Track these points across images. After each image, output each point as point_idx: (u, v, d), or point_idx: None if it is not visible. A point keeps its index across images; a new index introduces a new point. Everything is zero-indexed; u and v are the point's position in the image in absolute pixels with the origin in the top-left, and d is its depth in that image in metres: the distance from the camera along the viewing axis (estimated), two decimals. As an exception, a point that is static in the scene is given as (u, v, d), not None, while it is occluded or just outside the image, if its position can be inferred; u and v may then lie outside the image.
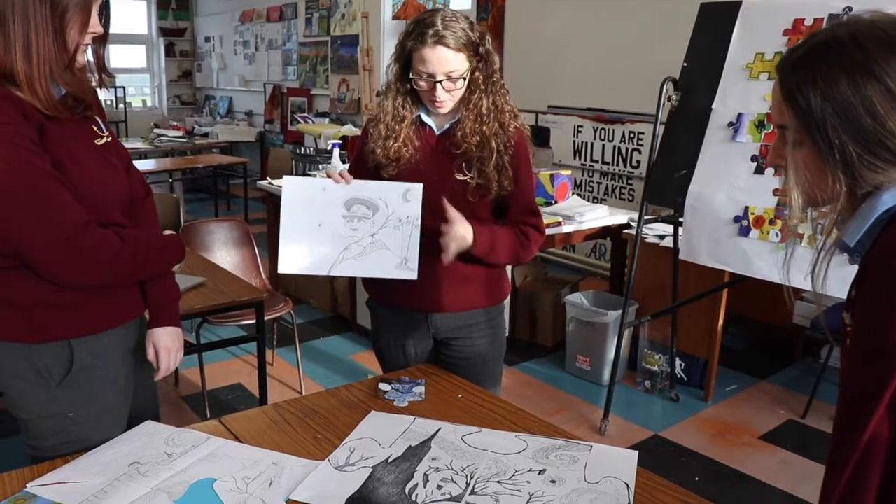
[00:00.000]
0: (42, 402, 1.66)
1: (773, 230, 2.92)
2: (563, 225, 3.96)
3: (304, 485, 1.49)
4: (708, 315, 3.72)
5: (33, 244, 1.51)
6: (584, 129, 5.75)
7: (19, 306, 1.60)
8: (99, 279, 1.63)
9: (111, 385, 1.74)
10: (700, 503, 1.45)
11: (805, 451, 3.35)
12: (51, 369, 1.64)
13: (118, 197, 1.70)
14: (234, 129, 9.95)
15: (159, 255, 1.77)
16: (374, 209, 1.87)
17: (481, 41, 1.91)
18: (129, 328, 1.79)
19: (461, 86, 1.90)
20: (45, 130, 1.52)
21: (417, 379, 1.99)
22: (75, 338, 1.65)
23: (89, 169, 1.61)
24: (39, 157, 1.50)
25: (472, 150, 1.94)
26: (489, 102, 1.94)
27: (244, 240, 4.03)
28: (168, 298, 1.85)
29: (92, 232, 1.56)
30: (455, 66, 1.87)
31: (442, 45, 1.84)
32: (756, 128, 3.01)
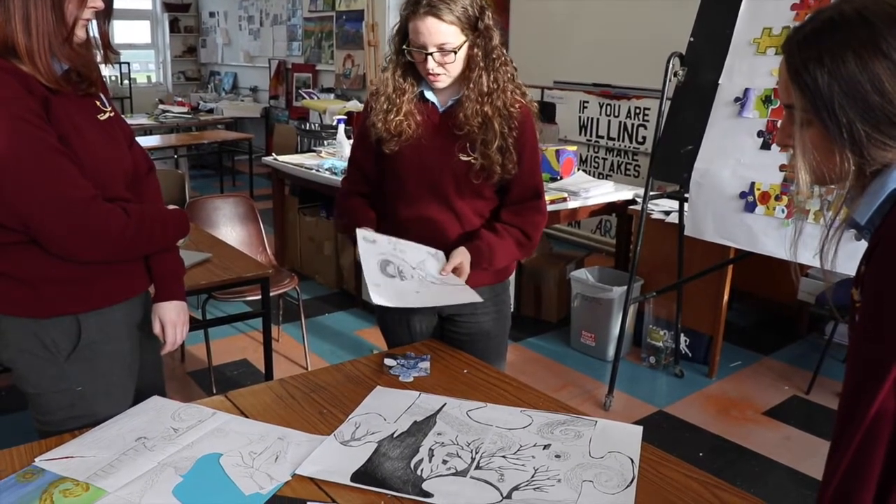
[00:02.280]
0: (50, 377, 1.67)
1: (779, 206, 2.90)
2: (569, 201, 3.95)
3: (310, 459, 1.50)
4: (713, 291, 3.72)
5: (41, 218, 1.52)
6: (590, 104, 5.72)
7: (26, 281, 1.61)
8: (105, 253, 1.64)
9: (118, 359, 1.75)
10: (705, 478, 1.46)
11: (809, 427, 3.35)
12: (58, 344, 1.65)
13: (122, 172, 1.70)
14: (239, 104, 9.92)
15: (164, 230, 1.77)
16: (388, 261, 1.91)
17: (481, 15, 1.86)
18: (135, 303, 1.80)
19: (453, 60, 1.85)
20: (50, 104, 1.52)
21: (423, 354, 1.99)
22: (82, 312, 1.66)
23: (94, 143, 1.61)
24: (45, 131, 1.50)
25: (475, 131, 1.90)
26: (490, 80, 1.89)
27: (250, 216, 4.03)
28: (173, 272, 1.86)
29: (98, 206, 1.56)
30: (447, 38, 1.82)
31: (433, 15, 1.80)
32: (763, 103, 2.99)
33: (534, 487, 1.41)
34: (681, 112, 3.35)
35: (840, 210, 1.07)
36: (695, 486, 1.43)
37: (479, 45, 1.87)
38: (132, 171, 1.74)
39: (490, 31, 1.88)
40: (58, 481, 1.41)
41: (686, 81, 3.34)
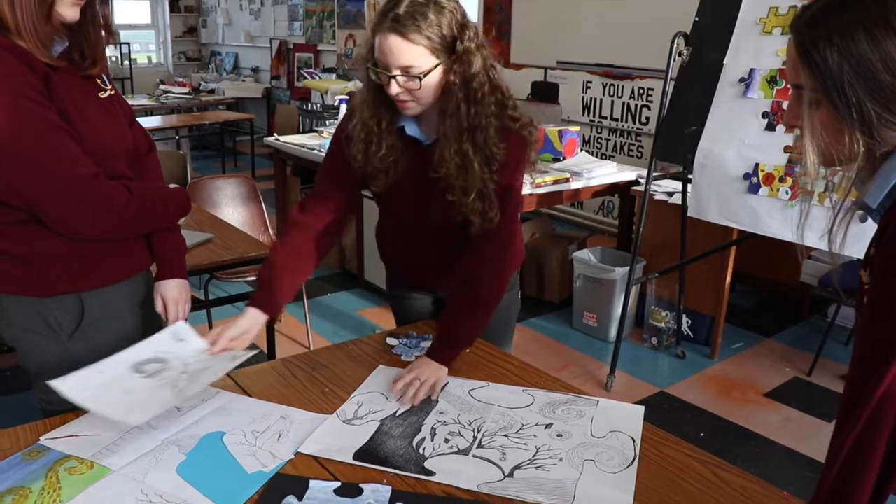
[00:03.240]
0: (53, 356, 1.67)
1: (783, 188, 2.89)
2: (571, 181, 3.94)
3: (313, 438, 1.50)
4: (715, 272, 3.72)
5: (43, 196, 1.51)
6: (594, 84, 5.70)
7: (29, 260, 1.61)
8: (108, 231, 1.64)
9: (121, 337, 1.75)
10: (705, 457, 1.46)
11: (810, 409, 3.36)
12: (61, 322, 1.66)
13: (123, 150, 1.69)
14: (241, 85, 9.87)
15: (166, 208, 1.77)
16: (164, 360, 1.61)
17: (460, 36, 1.58)
18: (137, 281, 1.80)
19: (419, 85, 1.57)
20: (51, 82, 1.51)
21: (425, 334, 1.99)
22: (85, 291, 1.67)
23: (95, 121, 1.60)
24: (47, 109, 1.49)
25: (453, 174, 1.66)
26: (470, 114, 1.61)
27: (251, 196, 4.02)
28: (175, 251, 1.86)
29: (100, 183, 1.56)
30: (412, 60, 1.55)
31: (396, 33, 1.53)
32: (768, 84, 2.97)
33: (535, 466, 1.42)
34: (685, 92, 3.34)
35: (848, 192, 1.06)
36: (696, 465, 1.43)
37: (457, 71, 1.59)
38: (133, 149, 1.74)
39: (470, 56, 1.59)
40: (63, 459, 1.42)
41: (690, 61, 3.32)
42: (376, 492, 1.33)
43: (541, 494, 1.33)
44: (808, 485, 2.70)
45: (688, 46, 3.32)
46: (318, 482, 1.36)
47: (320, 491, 1.34)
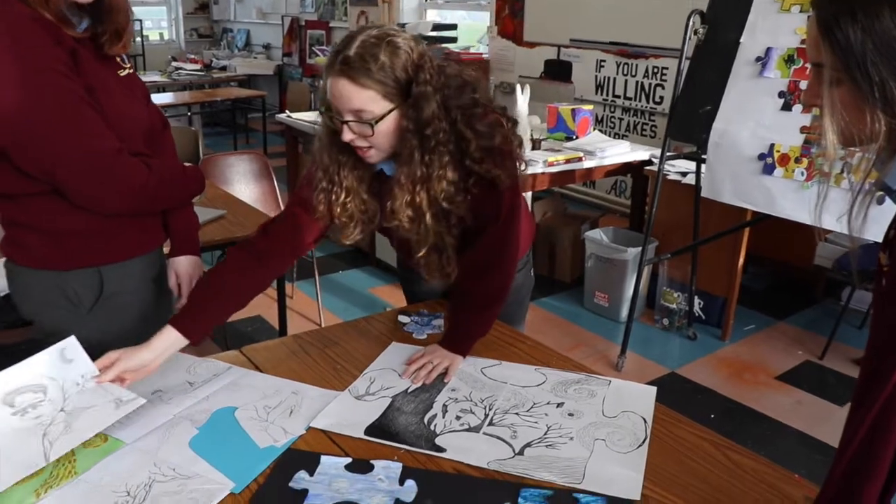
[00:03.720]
0: (72, 329, 1.68)
1: (799, 169, 2.87)
2: (584, 160, 3.92)
3: (325, 413, 1.51)
4: (728, 254, 3.70)
5: (68, 169, 1.52)
6: (607, 63, 5.65)
7: (49, 233, 1.63)
8: (128, 206, 1.65)
9: (138, 311, 1.78)
10: (716, 439, 1.46)
11: (822, 392, 3.35)
12: (81, 296, 1.68)
13: (141, 127, 1.70)
14: (252, 62, 9.84)
15: (182, 186, 1.79)
16: (43, 389, 1.42)
17: (414, 78, 1.46)
18: (153, 257, 1.81)
19: (371, 132, 1.47)
20: (78, 56, 1.52)
21: (437, 312, 1.99)
22: (104, 265, 1.68)
23: (116, 98, 1.61)
24: (73, 82, 1.49)
25: (404, 226, 1.56)
26: (424, 162, 1.49)
27: (264, 173, 4.02)
28: (189, 228, 1.88)
29: (124, 159, 1.57)
30: (363, 104, 1.44)
31: (345, 76, 1.43)
32: (785, 63, 2.93)
33: (546, 445, 1.42)
34: (700, 71, 3.30)
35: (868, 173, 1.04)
36: (707, 446, 1.43)
37: (411, 116, 1.47)
38: (149, 127, 1.74)
39: (422, 101, 1.45)
40: (75, 431, 1.42)
41: (706, 40, 3.28)
42: (387, 468, 1.34)
43: (551, 473, 1.33)
44: (820, 468, 2.70)
45: (703, 24, 3.28)
46: (330, 458, 1.36)
47: (331, 467, 1.34)
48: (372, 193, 1.62)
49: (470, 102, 1.55)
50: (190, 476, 1.31)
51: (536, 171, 3.72)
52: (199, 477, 1.31)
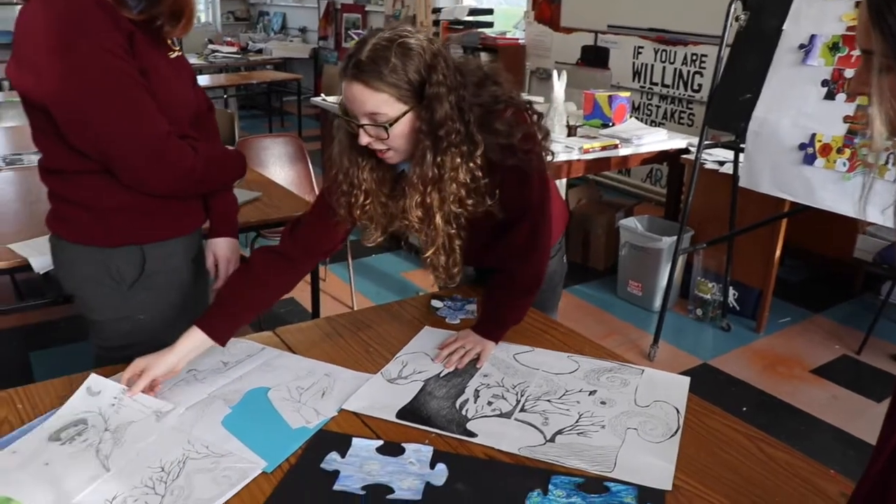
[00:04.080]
0: (114, 305, 1.74)
1: (841, 159, 2.81)
2: (620, 148, 3.88)
3: (357, 395, 1.52)
4: (765, 245, 3.65)
5: (121, 149, 1.56)
6: (645, 50, 5.58)
7: (96, 210, 1.67)
8: (175, 187, 1.69)
9: (178, 290, 1.82)
10: (751, 431, 1.44)
11: (858, 387, 3.30)
12: (123, 273, 1.71)
13: (188, 110, 1.74)
14: (288, 45, 9.87)
15: (225, 169, 1.83)
16: (83, 422, 1.42)
17: (428, 80, 1.44)
18: (193, 238, 1.85)
19: (387, 135, 1.47)
20: (134, 39, 1.55)
21: (470, 297, 1.99)
22: (147, 243, 1.72)
23: (167, 81, 1.64)
24: (130, 65, 1.53)
25: (414, 226, 1.56)
26: (436, 163, 1.48)
27: (298, 156, 4.04)
28: (228, 211, 1.92)
29: (173, 142, 1.61)
30: (377, 107, 1.44)
31: (358, 80, 1.43)
32: (829, 51, 2.87)
33: (577, 432, 1.41)
34: (740, 59, 3.25)
35: None
36: (740, 439, 1.42)
37: (424, 117, 1.46)
38: (196, 109, 1.78)
39: (433, 102, 1.44)
40: (111, 407, 1.45)
41: (747, 27, 3.22)
42: (418, 451, 1.34)
43: (582, 460, 1.32)
44: (854, 465, 2.67)
45: (745, 11, 3.22)
46: (361, 440, 1.37)
47: (363, 449, 1.35)
48: (393, 195, 1.61)
49: (489, 99, 1.53)
50: (223, 454, 1.33)
51: (572, 158, 3.69)
52: (232, 455, 1.32)
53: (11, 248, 2.24)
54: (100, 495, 1.22)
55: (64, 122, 1.54)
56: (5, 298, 3.84)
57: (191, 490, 1.23)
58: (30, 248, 2.23)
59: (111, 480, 1.25)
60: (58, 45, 1.48)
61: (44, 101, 1.53)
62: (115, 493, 1.22)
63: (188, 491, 1.23)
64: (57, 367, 3.11)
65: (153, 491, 1.23)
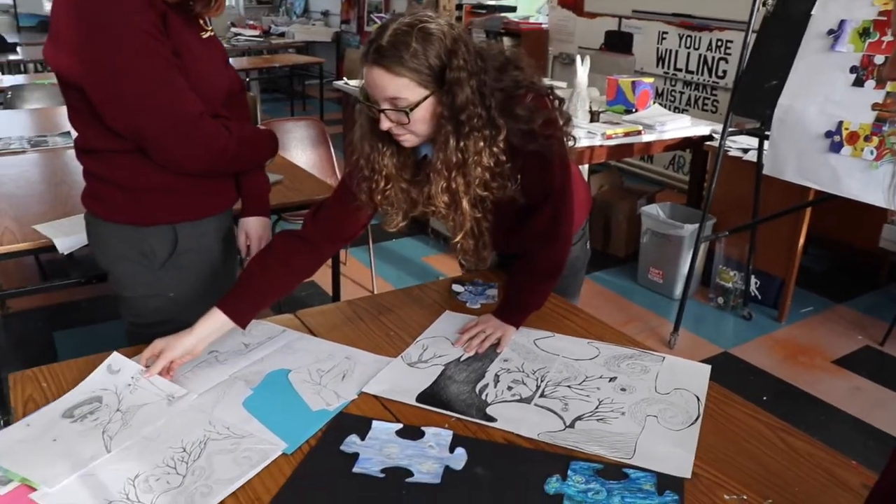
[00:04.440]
0: (146, 282, 1.77)
1: (869, 147, 2.77)
2: (643, 134, 3.85)
3: (377, 378, 1.52)
4: (788, 233, 3.61)
5: (154, 128, 1.58)
6: (669, 35, 5.53)
7: (131, 190, 1.70)
8: (208, 167, 1.71)
9: (208, 269, 1.85)
10: (772, 421, 1.43)
11: (880, 379, 3.27)
12: (156, 251, 1.74)
13: (221, 90, 1.76)
14: (310, 28, 9.87)
15: (257, 149, 1.85)
16: (97, 399, 1.45)
17: (448, 65, 1.43)
18: (224, 217, 1.88)
19: (408, 119, 1.46)
20: (168, 19, 1.57)
21: (491, 282, 1.98)
22: (179, 222, 1.75)
23: (200, 60, 1.66)
24: (164, 45, 1.55)
25: (441, 212, 1.57)
26: (459, 148, 1.48)
27: (320, 139, 4.04)
28: (260, 190, 1.95)
29: (207, 122, 1.63)
30: (398, 92, 1.43)
31: (379, 65, 1.42)
32: (859, 36, 2.82)
33: (597, 419, 1.41)
34: (767, 45, 3.21)
35: None
36: (761, 427, 1.41)
37: (445, 102, 1.46)
38: (228, 89, 1.80)
39: (454, 87, 1.43)
40: (134, 387, 1.47)
41: (775, 12, 3.18)
42: (437, 435, 1.34)
43: (601, 447, 1.32)
44: (876, 457, 2.65)
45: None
46: (381, 423, 1.38)
47: (382, 432, 1.35)
48: (415, 180, 1.61)
49: (511, 84, 1.53)
50: (244, 435, 1.34)
51: (594, 144, 3.67)
52: (253, 436, 1.33)
53: (36, 228, 2.26)
54: (122, 474, 1.23)
55: (99, 102, 1.56)
56: (30, 279, 3.89)
57: (211, 470, 1.24)
58: (54, 228, 2.25)
59: (132, 459, 1.27)
60: (92, 25, 1.50)
61: (79, 80, 1.56)
62: (137, 472, 1.23)
63: (209, 471, 1.24)
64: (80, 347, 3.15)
65: (174, 471, 1.24)
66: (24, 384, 1.49)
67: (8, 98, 4.62)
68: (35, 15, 9.79)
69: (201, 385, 1.49)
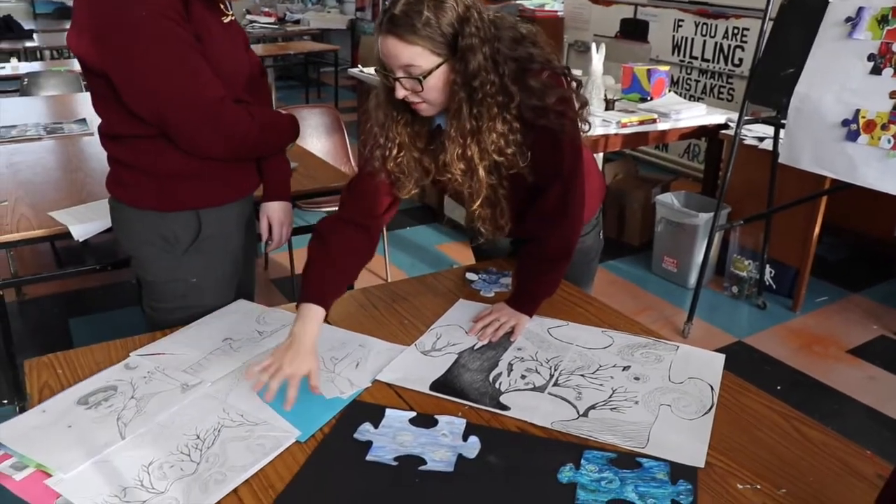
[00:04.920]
0: (167, 268, 1.79)
1: (886, 136, 2.74)
2: (658, 122, 3.83)
3: (391, 367, 1.53)
4: (804, 222, 3.59)
5: (177, 113, 1.60)
6: (685, 23, 5.48)
7: (154, 175, 1.71)
8: (231, 151, 1.72)
9: (230, 254, 1.86)
10: (786, 410, 1.43)
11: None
12: (179, 237, 1.76)
13: (243, 74, 1.77)
14: (326, 16, 9.86)
15: (279, 134, 1.86)
16: (113, 388, 1.46)
17: (461, 32, 1.44)
18: (246, 202, 1.89)
19: (422, 86, 1.47)
20: (189, 4, 1.59)
21: (505, 270, 1.98)
22: (203, 208, 1.76)
23: (222, 45, 1.68)
24: (186, 30, 1.57)
25: (458, 179, 1.57)
26: (472, 115, 1.49)
27: (335, 127, 4.04)
28: (282, 174, 1.95)
29: (229, 106, 1.65)
30: (412, 60, 1.44)
31: (392, 34, 1.43)
32: (878, 24, 2.78)
33: (611, 408, 1.41)
34: (784, 32, 3.18)
35: None
36: (775, 417, 1.40)
37: (458, 69, 1.47)
38: (249, 72, 1.81)
39: (467, 53, 1.44)
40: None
41: (792, 0, 3.15)
42: (451, 423, 1.35)
43: (615, 436, 1.32)
44: (891, 446, 2.64)
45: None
46: (395, 411, 1.38)
47: (396, 420, 1.36)
48: (428, 148, 1.62)
49: (525, 56, 1.53)
50: (257, 423, 1.35)
51: (609, 133, 3.65)
52: (267, 424, 1.34)
53: (52, 215, 2.27)
54: (136, 461, 1.24)
55: (122, 87, 1.58)
56: (46, 265, 3.92)
57: (225, 458, 1.25)
58: (70, 216, 2.27)
59: (146, 446, 1.28)
60: (114, 11, 1.53)
61: (102, 66, 1.58)
62: (152, 459, 1.25)
63: (223, 458, 1.25)
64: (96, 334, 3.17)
65: (188, 458, 1.25)
66: (39, 371, 1.50)
67: (24, 85, 4.64)
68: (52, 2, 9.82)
69: (215, 373, 1.50)
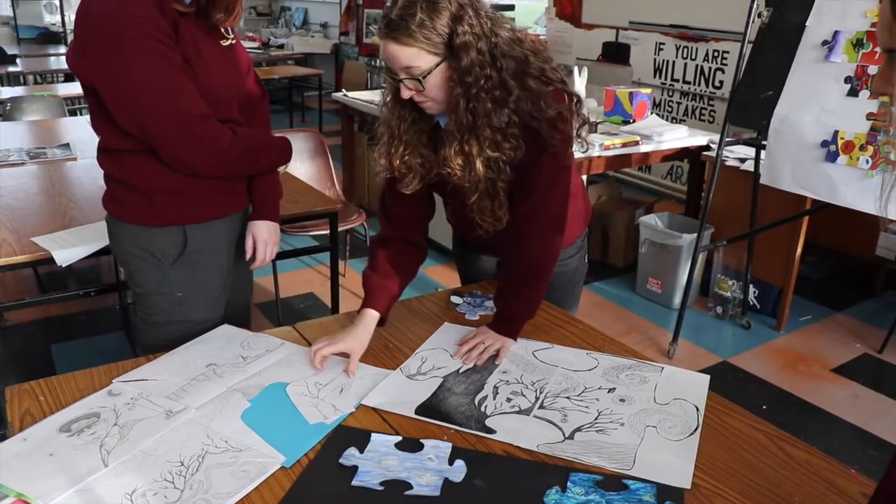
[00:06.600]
0: (154, 281, 1.82)
1: (864, 156, 2.78)
2: (641, 144, 3.87)
3: (376, 391, 1.52)
4: (786, 242, 3.62)
5: (159, 128, 1.65)
6: (666, 46, 5.55)
7: (142, 191, 1.75)
8: (212, 167, 1.75)
9: (216, 270, 1.88)
10: (770, 430, 1.43)
11: (879, 386, 3.27)
12: (165, 251, 1.79)
13: (236, 96, 1.82)
14: (310, 40, 9.91)
15: (268, 154, 1.89)
16: (96, 415, 1.43)
17: (454, 30, 1.49)
18: (235, 220, 1.92)
19: (423, 86, 1.54)
20: (179, 26, 1.64)
21: (489, 293, 1.98)
22: (189, 224, 1.80)
23: (213, 67, 1.72)
24: (171, 50, 1.62)
25: (457, 173, 1.61)
26: (469, 110, 1.54)
27: (319, 151, 4.05)
28: (271, 195, 1.97)
29: (211, 124, 1.69)
30: (411, 61, 1.51)
31: (390, 38, 1.51)
32: (853, 47, 2.84)
33: (596, 430, 1.41)
34: (763, 55, 3.22)
35: None
36: (760, 437, 1.41)
37: (455, 66, 1.52)
38: (247, 95, 1.86)
39: (461, 50, 1.50)
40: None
41: (770, 23, 3.20)
42: (437, 447, 1.34)
43: (601, 458, 1.32)
44: (875, 464, 2.65)
45: (768, 7, 3.20)
46: (380, 436, 1.37)
47: (381, 444, 1.35)
48: (430, 146, 1.68)
49: (523, 57, 1.60)
50: (242, 449, 1.33)
51: (592, 155, 3.68)
52: (251, 450, 1.33)
53: (34, 241, 2.26)
54: (119, 489, 1.23)
55: (110, 103, 1.64)
56: (28, 291, 3.89)
57: (210, 484, 1.24)
58: (52, 241, 2.26)
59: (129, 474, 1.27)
60: (105, 30, 1.59)
61: (91, 81, 1.65)
62: (135, 487, 1.23)
63: (207, 485, 1.24)
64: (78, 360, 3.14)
65: (172, 485, 1.24)
66: (21, 398, 1.49)
67: (7, 110, 4.63)
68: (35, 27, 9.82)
69: (199, 398, 1.48)
